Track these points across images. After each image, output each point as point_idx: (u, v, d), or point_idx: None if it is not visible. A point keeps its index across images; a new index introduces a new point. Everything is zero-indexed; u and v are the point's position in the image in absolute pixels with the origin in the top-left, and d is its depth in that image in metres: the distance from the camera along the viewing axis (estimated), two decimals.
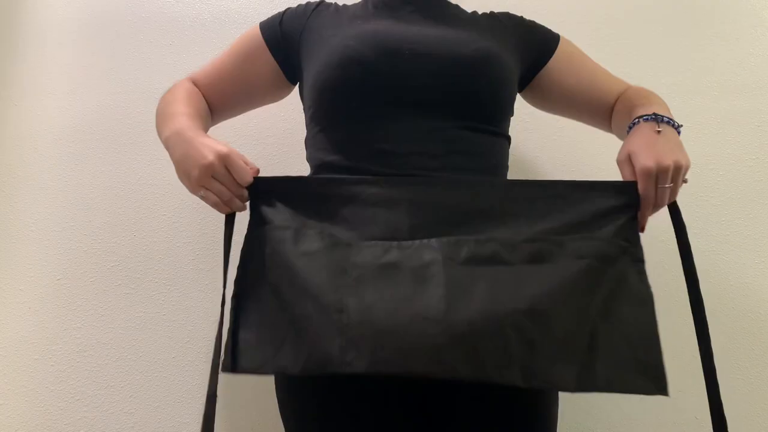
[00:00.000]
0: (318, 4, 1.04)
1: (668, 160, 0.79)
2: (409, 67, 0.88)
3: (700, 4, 1.39)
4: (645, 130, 0.84)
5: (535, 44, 1.04)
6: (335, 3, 1.06)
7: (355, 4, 1.07)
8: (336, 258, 0.77)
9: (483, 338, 0.72)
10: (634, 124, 0.87)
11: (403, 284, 0.74)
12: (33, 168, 1.37)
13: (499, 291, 0.74)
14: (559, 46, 1.06)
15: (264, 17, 1.41)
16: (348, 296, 0.74)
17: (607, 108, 1.03)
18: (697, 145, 1.32)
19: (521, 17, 1.08)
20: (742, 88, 1.34)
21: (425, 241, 0.77)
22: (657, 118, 0.85)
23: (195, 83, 1.05)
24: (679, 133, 0.85)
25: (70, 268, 1.31)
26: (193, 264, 1.31)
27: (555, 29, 1.09)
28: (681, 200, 1.30)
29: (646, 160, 0.80)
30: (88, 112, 1.40)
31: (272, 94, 1.10)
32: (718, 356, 1.22)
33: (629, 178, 0.82)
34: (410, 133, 0.87)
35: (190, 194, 1.33)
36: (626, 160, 0.83)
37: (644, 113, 0.87)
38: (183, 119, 0.90)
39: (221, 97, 1.05)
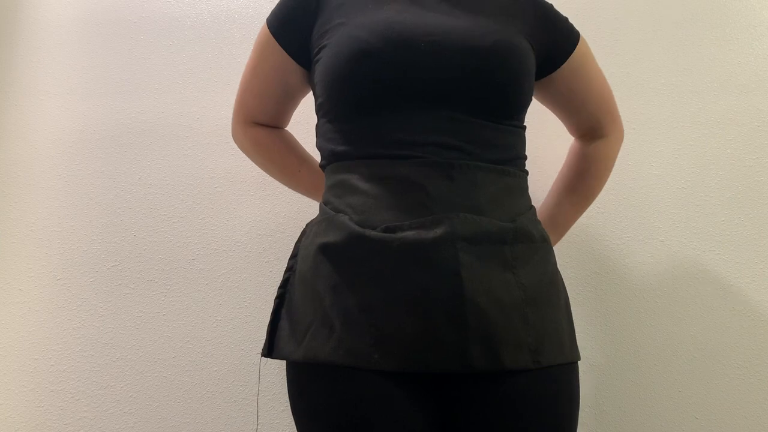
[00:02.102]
0: None
1: None
2: (424, 60, 0.83)
3: (700, 4, 1.39)
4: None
5: (553, 41, 0.98)
6: None
7: None
8: (360, 252, 0.80)
9: (496, 329, 0.77)
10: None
11: (421, 273, 0.77)
12: (33, 168, 1.37)
13: (503, 276, 0.80)
14: (576, 48, 1.00)
15: (264, 18, 1.41)
16: (371, 293, 0.78)
17: (581, 129, 1.10)
18: (697, 145, 1.32)
19: (548, 7, 1.00)
20: (742, 88, 1.34)
21: (437, 216, 0.79)
22: None
23: (250, 119, 1.06)
24: None
25: (70, 268, 1.31)
26: (193, 264, 1.31)
27: None
28: (681, 200, 1.30)
29: None
30: (88, 112, 1.40)
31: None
32: (719, 356, 1.23)
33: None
34: (427, 123, 0.84)
35: (190, 194, 1.35)
36: None
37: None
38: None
39: (276, 114, 1.05)
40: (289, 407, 0.86)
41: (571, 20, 1.01)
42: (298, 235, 0.94)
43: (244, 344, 1.27)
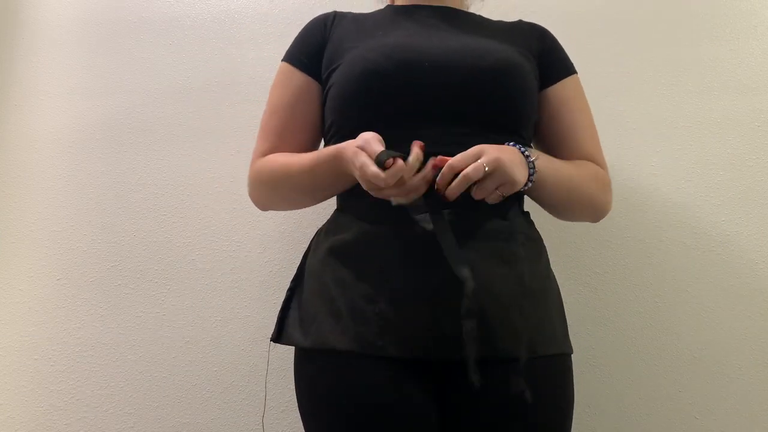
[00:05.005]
0: (334, 17, 1.03)
1: (490, 157, 0.79)
2: (430, 80, 0.89)
3: (701, 4, 1.39)
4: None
5: (550, 63, 1.03)
6: (351, 12, 1.05)
7: (374, 12, 1.06)
8: (365, 247, 0.85)
9: (494, 320, 0.80)
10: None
11: (422, 267, 0.81)
12: (33, 168, 1.37)
13: (501, 270, 0.84)
14: (568, 78, 1.04)
15: (264, 17, 1.43)
16: (376, 285, 0.82)
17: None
18: (697, 145, 1.32)
19: (550, 36, 1.06)
20: (742, 88, 1.34)
21: (438, 214, 0.82)
22: (522, 151, 0.86)
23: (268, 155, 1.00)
24: (529, 180, 0.86)
25: (70, 268, 1.31)
26: (192, 264, 1.31)
27: (554, 30, 1.08)
28: (681, 200, 1.30)
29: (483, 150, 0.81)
30: (88, 113, 1.40)
31: None
32: (719, 356, 1.23)
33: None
34: (431, 138, 0.86)
35: (189, 194, 1.35)
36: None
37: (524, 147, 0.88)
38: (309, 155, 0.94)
39: (299, 149, 1.00)
40: (294, 393, 0.89)
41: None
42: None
43: (244, 344, 1.26)
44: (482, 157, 0.79)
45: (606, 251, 1.29)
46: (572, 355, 0.91)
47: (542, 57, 1.02)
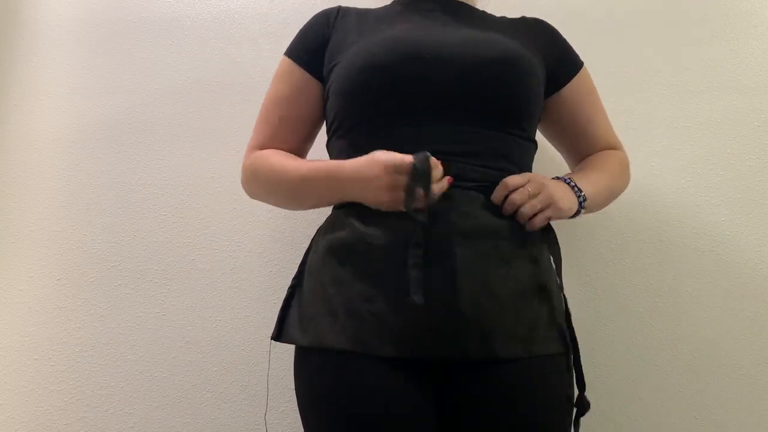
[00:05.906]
0: (338, 12, 1.02)
1: (540, 188, 0.88)
2: (431, 71, 0.88)
3: (701, 4, 1.39)
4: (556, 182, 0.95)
5: (557, 64, 1.03)
6: (355, 8, 1.04)
7: (378, 8, 1.06)
8: (362, 247, 0.85)
9: (490, 320, 0.80)
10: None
11: (421, 266, 0.80)
12: (33, 168, 1.37)
13: (498, 270, 0.83)
14: (578, 74, 1.05)
15: (264, 17, 1.43)
16: (372, 285, 0.82)
17: (583, 157, 1.11)
18: (697, 145, 1.32)
19: (553, 29, 1.07)
20: (742, 88, 1.34)
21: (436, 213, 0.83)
22: (567, 182, 0.96)
23: (264, 149, 1.02)
24: (580, 207, 0.95)
25: (70, 268, 1.31)
26: (192, 264, 1.31)
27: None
28: (681, 200, 1.30)
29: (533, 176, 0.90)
30: (88, 113, 1.40)
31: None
32: (719, 356, 1.23)
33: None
34: (435, 134, 0.87)
35: (189, 193, 1.35)
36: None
37: (570, 177, 0.97)
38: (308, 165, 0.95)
39: (294, 143, 1.02)
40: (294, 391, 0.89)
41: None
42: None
43: (244, 345, 1.26)
44: (528, 183, 0.87)
45: (606, 251, 1.29)
46: None
47: (550, 56, 1.02)
